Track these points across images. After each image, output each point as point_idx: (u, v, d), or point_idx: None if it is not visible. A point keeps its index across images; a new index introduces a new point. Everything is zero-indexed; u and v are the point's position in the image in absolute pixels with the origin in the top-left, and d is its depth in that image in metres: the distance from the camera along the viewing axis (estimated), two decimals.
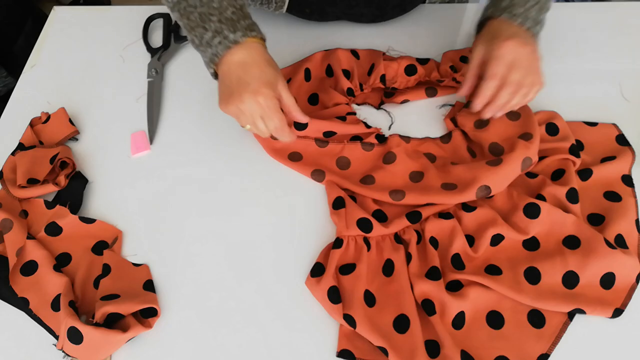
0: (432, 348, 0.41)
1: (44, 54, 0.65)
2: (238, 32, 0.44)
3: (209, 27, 0.45)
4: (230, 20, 0.44)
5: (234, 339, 0.44)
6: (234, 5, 0.45)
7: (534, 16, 0.47)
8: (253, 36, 0.45)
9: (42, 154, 0.54)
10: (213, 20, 0.44)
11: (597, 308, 0.42)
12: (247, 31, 0.44)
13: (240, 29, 0.44)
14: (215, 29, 0.44)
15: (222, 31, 0.44)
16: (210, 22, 0.45)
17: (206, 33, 0.45)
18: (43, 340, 0.45)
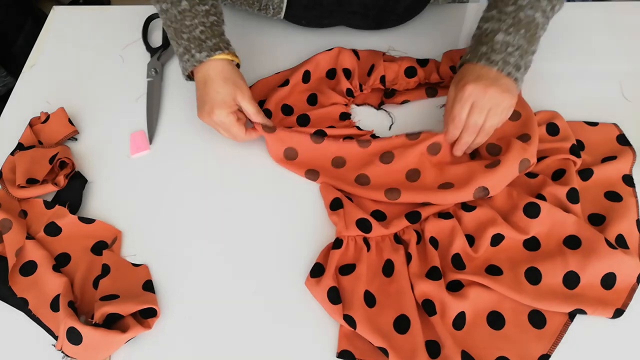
0: (432, 348, 0.41)
1: (43, 53, 0.65)
2: (203, 52, 0.49)
3: (180, 44, 0.50)
4: (197, 39, 0.49)
5: (234, 339, 0.44)
6: (204, 23, 0.49)
7: (514, 62, 0.47)
8: (217, 55, 0.49)
9: (41, 154, 0.54)
10: (184, 37, 0.50)
11: (598, 308, 0.42)
12: (211, 51, 0.49)
13: (205, 49, 0.49)
14: (185, 47, 0.50)
15: (190, 50, 0.49)
16: (181, 39, 0.50)
17: (179, 48, 0.51)
18: (42, 341, 0.44)
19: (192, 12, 0.49)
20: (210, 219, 0.51)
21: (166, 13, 0.50)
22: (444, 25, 0.63)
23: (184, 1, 0.49)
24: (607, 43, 0.60)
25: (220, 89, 0.49)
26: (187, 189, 0.53)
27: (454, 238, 0.46)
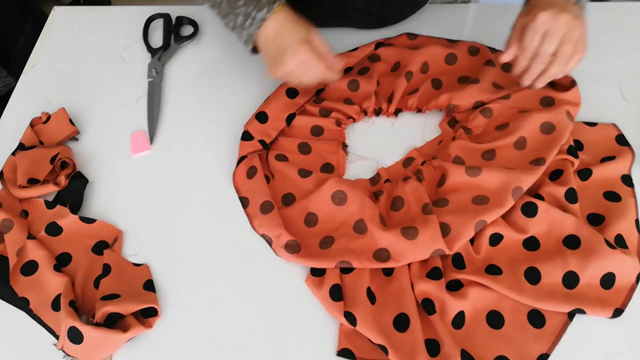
0: (432, 347, 0.41)
1: (44, 54, 0.65)
2: (263, 9, 0.48)
3: (238, 13, 0.49)
4: (253, 0, 0.49)
5: (234, 338, 0.44)
6: None
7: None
8: (276, 7, 0.48)
9: (42, 154, 0.54)
10: (239, 5, 0.49)
11: (597, 308, 0.42)
12: (270, 5, 0.48)
13: (264, 5, 0.48)
14: (243, 14, 0.49)
15: (249, 13, 0.49)
16: (237, 8, 0.49)
17: (237, 18, 0.50)
18: (43, 340, 0.45)
19: None
20: (211, 219, 0.51)
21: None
22: (445, 26, 0.62)
23: None
24: (606, 43, 0.60)
25: (298, 29, 0.49)
26: (188, 188, 0.53)
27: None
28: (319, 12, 0.60)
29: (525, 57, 0.48)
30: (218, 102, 0.59)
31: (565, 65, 0.48)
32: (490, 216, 0.45)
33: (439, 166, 0.50)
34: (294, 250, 0.46)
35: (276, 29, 0.48)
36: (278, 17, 0.48)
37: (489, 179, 0.47)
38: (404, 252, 0.45)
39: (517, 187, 0.46)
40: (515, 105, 0.53)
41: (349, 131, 0.56)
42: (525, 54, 0.48)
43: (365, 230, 0.47)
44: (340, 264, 0.45)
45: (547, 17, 0.45)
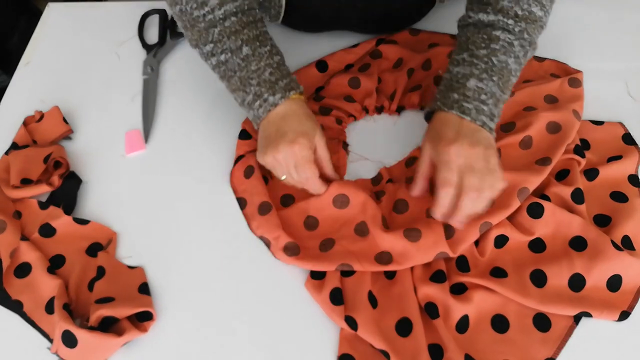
0: (435, 352, 0.41)
1: (38, 51, 0.64)
2: (277, 94, 0.45)
3: (249, 91, 0.46)
4: (269, 82, 0.46)
5: (231, 343, 0.43)
6: (271, 65, 0.46)
7: (488, 110, 0.43)
8: (292, 95, 0.46)
9: (35, 154, 0.53)
10: (252, 84, 0.46)
11: (603, 311, 0.42)
12: (285, 92, 0.46)
13: (279, 90, 0.46)
14: (255, 93, 0.46)
15: (261, 94, 0.46)
16: (250, 86, 0.46)
17: (247, 96, 0.47)
18: (37, 344, 0.44)
19: (256, 55, 0.46)
20: (207, 220, 0.50)
21: (226, 64, 0.47)
22: (447, 25, 0.61)
23: (245, 47, 0.46)
24: (612, 41, 0.60)
25: (306, 121, 0.45)
26: (184, 189, 0.52)
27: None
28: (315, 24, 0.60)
29: (444, 195, 0.42)
30: (215, 100, 0.58)
31: (489, 200, 0.42)
32: (495, 218, 0.44)
33: None
34: (293, 252, 0.45)
35: (284, 113, 0.46)
36: (290, 104, 0.46)
37: None
38: (407, 254, 0.44)
39: (523, 188, 0.45)
40: (520, 101, 0.52)
41: (349, 130, 0.55)
42: (444, 192, 0.42)
43: (367, 233, 0.46)
44: (340, 267, 0.44)
45: (460, 149, 0.41)
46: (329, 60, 0.58)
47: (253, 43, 0.46)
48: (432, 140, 0.44)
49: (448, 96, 0.44)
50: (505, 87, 0.45)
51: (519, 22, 0.44)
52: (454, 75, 0.45)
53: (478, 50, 0.45)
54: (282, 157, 0.45)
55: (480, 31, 0.45)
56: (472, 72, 0.44)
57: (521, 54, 0.45)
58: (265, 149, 0.46)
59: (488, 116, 0.43)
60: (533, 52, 0.47)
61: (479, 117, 0.43)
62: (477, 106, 0.43)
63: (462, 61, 0.45)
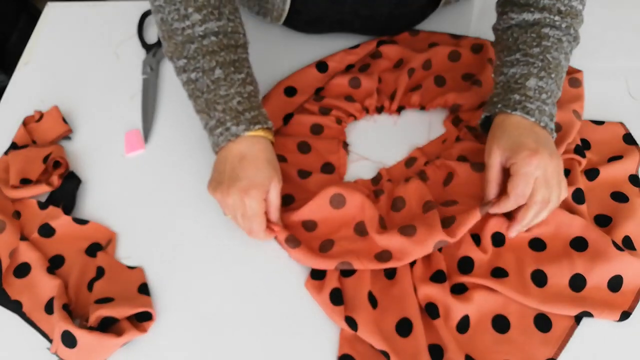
0: (435, 352, 0.41)
1: (37, 51, 0.64)
2: (241, 125, 0.43)
3: (212, 116, 0.44)
4: (235, 111, 0.43)
5: (231, 344, 0.43)
6: (241, 94, 0.44)
7: (548, 111, 0.43)
8: (256, 129, 0.44)
9: (35, 154, 0.53)
10: (218, 109, 0.44)
11: (604, 311, 0.42)
12: (250, 125, 0.43)
13: (243, 121, 0.43)
14: (219, 119, 0.44)
15: (224, 122, 0.43)
16: (214, 111, 0.44)
17: (210, 120, 0.44)
18: (37, 344, 0.44)
19: (228, 81, 0.44)
20: (207, 220, 0.50)
21: (195, 83, 0.45)
22: (449, 25, 0.61)
23: (218, 69, 0.44)
24: (613, 40, 0.60)
25: (263, 169, 0.43)
26: (183, 189, 0.52)
27: (462, 241, 0.45)
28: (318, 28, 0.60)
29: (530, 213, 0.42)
30: None
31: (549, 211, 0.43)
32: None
33: (443, 164, 0.49)
34: (295, 244, 0.45)
35: (243, 154, 0.43)
36: (254, 143, 0.43)
37: None
38: (405, 250, 0.44)
39: None
40: None
41: (350, 130, 0.55)
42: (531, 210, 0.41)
43: (366, 233, 0.46)
44: (341, 265, 0.44)
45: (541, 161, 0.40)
46: (329, 61, 0.58)
47: (227, 68, 0.44)
48: (508, 148, 0.42)
49: (509, 98, 0.43)
50: (560, 85, 0.44)
51: (565, 17, 0.44)
52: (510, 76, 0.44)
53: (531, 49, 0.44)
54: (231, 202, 0.43)
55: (528, 30, 0.44)
56: (531, 72, 0.43)
57: (569, 49, 0.45)
58: (217, 185, 0.44)
59: (548, 116, 0.43)
60: (576, 46, 0.47)
61: (542, 118, 0.43)
62: (539, 106, 0.43)
63: (516, 62, 0.44)
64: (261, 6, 0.58)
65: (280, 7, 0.54)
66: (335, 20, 0.57)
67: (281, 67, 0.59)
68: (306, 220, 0.48)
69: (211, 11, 0.44)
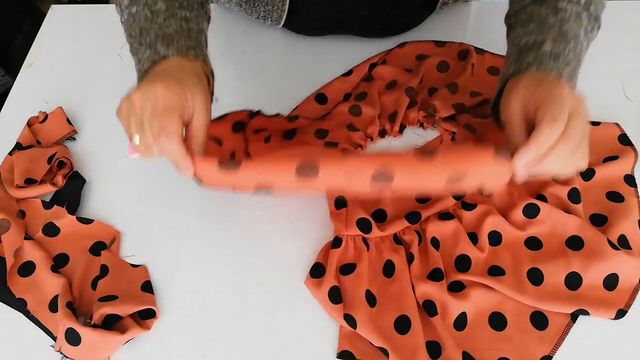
0: (433, 349, 0.41)
1: (41, 52, 0.64)
2: (171, 47, 0.37)
3: (143, 42, 0.38)
4: (168, 36, 0.37)
5: (233, 340, 0.44)
6: (181, 25, 0.38)
7: (566, 75, 0.37)
8: (190, 56, 0.37)
9: (39, 154, 0.53)
10: (150, 35, 0.38)
11: (600, 309, 0.42)
12: (183, 49, 0.37)
13: (175, 45, 0.37)
14: (149, 43, 0.38)
15: (154, 45, 0.37)
16: (146, 36, 0.38)
17: (140, 49, 0.38)
18: (41, 342, 0.44)
19: (168, 12, 0.38)
20: (209, 219, 0.50)
21: (134, 17, 0.39)
22: (449, 26, 0.62)
23: (161, 2, 0.39)
24: (609, 42, 0.60)
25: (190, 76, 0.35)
26: (186, 188, 0.52)
27: (459, 240, 0.45)
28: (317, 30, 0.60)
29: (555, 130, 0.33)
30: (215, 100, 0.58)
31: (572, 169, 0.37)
32: None
33: None
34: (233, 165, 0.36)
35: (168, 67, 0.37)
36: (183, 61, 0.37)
37: None
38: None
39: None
40: None
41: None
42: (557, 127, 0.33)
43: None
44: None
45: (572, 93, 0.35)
46: (327, 92, 0.57)
47: (172, 2, 0.39)
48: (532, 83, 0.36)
49: (522, 60, 0.38)
50: (581, 59, 0.39)
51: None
52: (523, 45, 0.39)
53: (547, 19, 0.39)
54: (138, 98, 0.33)
55: (544, 5, 0.40)
56: (545, 38, 0.38)
57: (589, 28, 0.41)
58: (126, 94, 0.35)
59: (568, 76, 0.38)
60: (597, 32, 0.42)
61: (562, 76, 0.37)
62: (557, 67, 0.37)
63: (530, 32, 0.39)
64: (260, 10, 0.59)
65: (280, 8, 0.54)
66: (334, 22, 0.58)
67: (282, 69, 0.60)
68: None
69: None
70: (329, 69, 0.59)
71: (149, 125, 0.33)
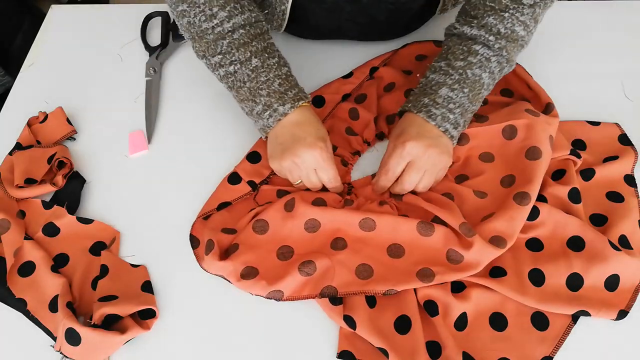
0: (433, 349, 0.41)
1: (41, 52, 0.64)
2: (287, 104, 0.46)
3: (259, 101, 0.47)
4: (278, 92, 0.47)
5: (233, 340, 0.44)
6: (280, 76, 0.47)
7: (454, 119, 0.46)
8: (301, 104, 0.47)
9: (39, 154, 0.53)
10: (262, 94, 0.47)
11: (601, 310, 0.42)
12: (295, 102, 0.47)
13: (288, 100, 0.47)
14: (265, 103, 0.47)
15: (271, 105, 0.47)
16: (260, 97, 0.47)
17: (256, 106, 0.48)
18: (41, 342, 0.44)
19: (265, 67, 0.47)
20: None
21: (235, 75, 0.48)
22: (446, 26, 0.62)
23: (254, 58, 0.47)
24: (608, 42, 0.60)
25: (319, 126, 0.47)
26: (186, 189, 0.52)
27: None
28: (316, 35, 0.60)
29: (387, 179, 0.47)
30: (216, 101, 0.58)
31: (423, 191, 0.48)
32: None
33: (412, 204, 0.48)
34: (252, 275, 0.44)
35: (296, 121, 0.47)
36: (302, 112, 0.47)
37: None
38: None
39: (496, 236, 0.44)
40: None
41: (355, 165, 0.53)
42: (387, 177, 0.47)
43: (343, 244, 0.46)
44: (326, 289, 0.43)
45: (414, 148, 0.45)
46: (324, 94, 0.57)
47: (262, 55, 0.47)
48: (395, 135, 0.48)
49: (420, 100, 0.47)
50: (475, 100, 0.47)
51: (500, 39, 0.46)
52: (428, 81, 0.48)
53: (455, 61, 0.47)
54: (301, 160, 0.46)
55: (462, 43, 0.47)
56: (445, 82, 0.47)
57: (497, 69, 0.47)
58: (282, 154, 0.46)
59: (452, 124, 0.46)
60: (510, 69, 0.49)
61: (443, 124, 0.46)
62: (443, 113, 0.46)
63: (439, 69, 0.48)
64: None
65: (280, 17, 0.55)
66: (334, 29, 0.58)
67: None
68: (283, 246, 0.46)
69: (234, 6, 0.47)
70: (330, 72, 0.59)
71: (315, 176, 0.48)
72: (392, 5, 0.54)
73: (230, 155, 0.54)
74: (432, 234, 0.45)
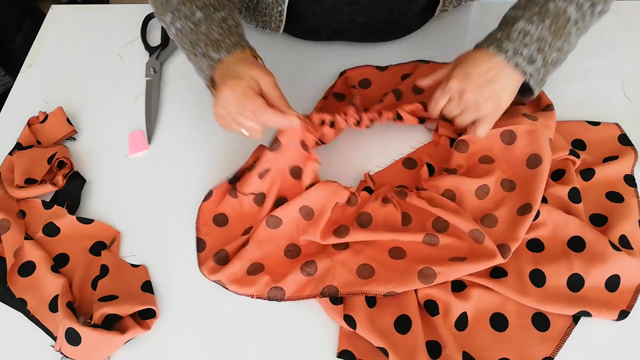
0: (433, 349, 0.41)
1: (41, 53, 0.64)
2: (222, 50, 0.45)
3: (198, 53, 0.46)
4: (215, 41, 0.45)
5: (233, 340, 0.44)
6: (221, 27, 0.46)
7: (528, 54, 0.43)
8: (238, 51, 0.45)
9: (39, 154, 0.53)
10: (200, 45, 0.46)
11: (602, 311, 0.42)
12: (231, 48, 0.45)
13: (223, 47, 0.45)
14: (203, 54, 0.45)
15: (207, 53, 0.45)
16: (198, 48, 0.46)
17: (197, 60, 0.46)
18: (41, 342, 0.44)
19: (208, 20, 0.46)
20: None
21: (181, 31, 0.47)
22: (448, 29, 0.62)
23: (198, 12, 0.46)
24: (609, 42, 0.60)
25: (242, 66, 0.44)
26: (186, 188, 0.52)
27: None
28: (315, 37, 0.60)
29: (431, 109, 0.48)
30: None
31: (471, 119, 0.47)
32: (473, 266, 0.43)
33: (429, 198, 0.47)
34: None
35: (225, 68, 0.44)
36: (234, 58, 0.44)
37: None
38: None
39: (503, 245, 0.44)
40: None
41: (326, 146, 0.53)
42: (431, 107, 0.48)
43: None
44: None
45: (455, 87, 0.45)
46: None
47: (207, 9, 0.46)
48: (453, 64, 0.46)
49: (494, 34, 0.45)
50: (559, 34, 0.43)
51: None
52: (505, 17, 0.46)
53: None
54: (221, 108, 0.43)
55: None
56: (523, 15, 0.44)
57: (587, 4, 0.44)
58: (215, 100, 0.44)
59: (527, 59, 0.43)
60: (604, 8, 0.45)
61: (514, 58, 0.43)
62: (516, 47, 0.43)
63: (517, 6, 0.45)
64: (259, 20, 0.59)
65: (277, 19, 0.55)
66: (333, 30, 0.58)
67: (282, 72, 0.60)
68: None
69: None
70: (330, 72, 0.59)
71: (241, 117, 0.43)
72: (390, 6, 0.54)
73: (231, 155, 0.54)
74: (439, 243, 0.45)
